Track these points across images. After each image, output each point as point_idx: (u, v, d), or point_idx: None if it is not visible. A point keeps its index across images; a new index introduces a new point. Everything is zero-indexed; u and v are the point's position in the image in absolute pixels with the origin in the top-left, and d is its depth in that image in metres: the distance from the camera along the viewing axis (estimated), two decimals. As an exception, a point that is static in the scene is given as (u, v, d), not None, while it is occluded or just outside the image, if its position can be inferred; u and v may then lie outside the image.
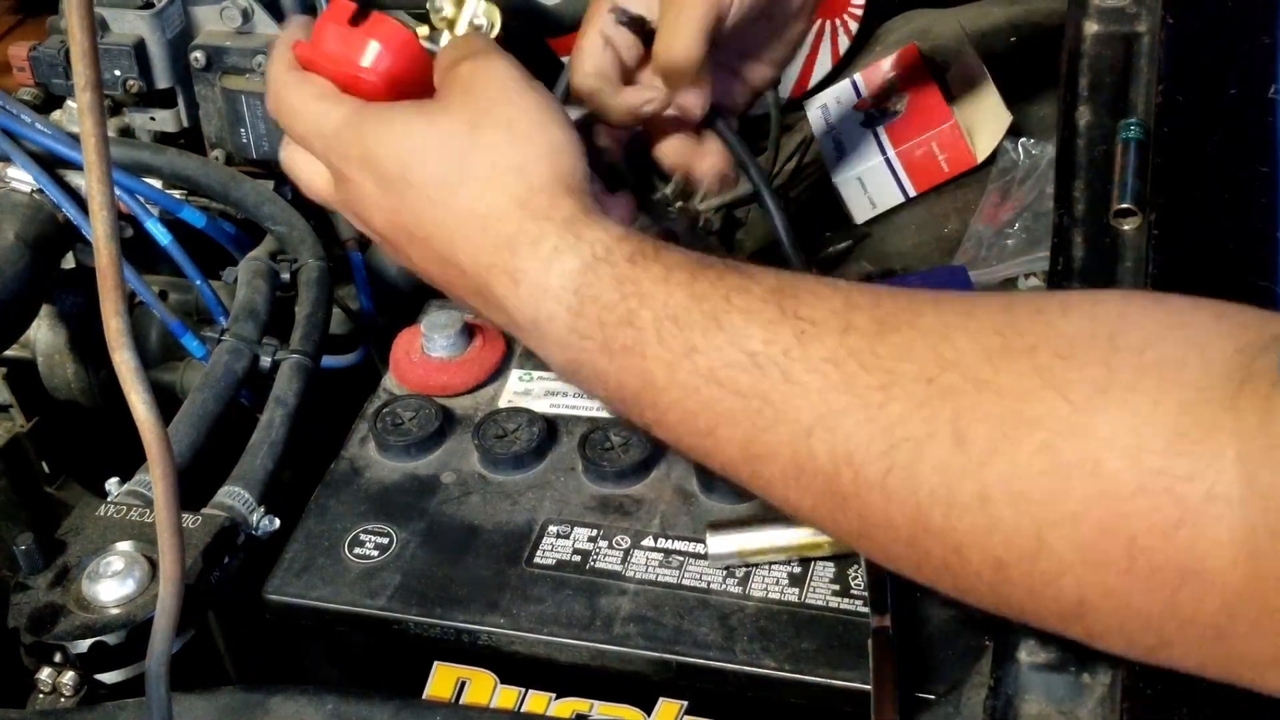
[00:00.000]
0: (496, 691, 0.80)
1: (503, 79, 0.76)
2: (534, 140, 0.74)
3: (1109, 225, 0.86)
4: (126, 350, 0.60)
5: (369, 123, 0.77)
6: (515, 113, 0.75)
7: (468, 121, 0.75)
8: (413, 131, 0.75)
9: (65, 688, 0.76)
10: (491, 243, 0.72)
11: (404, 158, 0.75)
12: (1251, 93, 0.90)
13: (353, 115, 0.77)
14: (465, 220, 0.73)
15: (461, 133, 0.74)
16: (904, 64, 1.35)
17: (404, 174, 0.75)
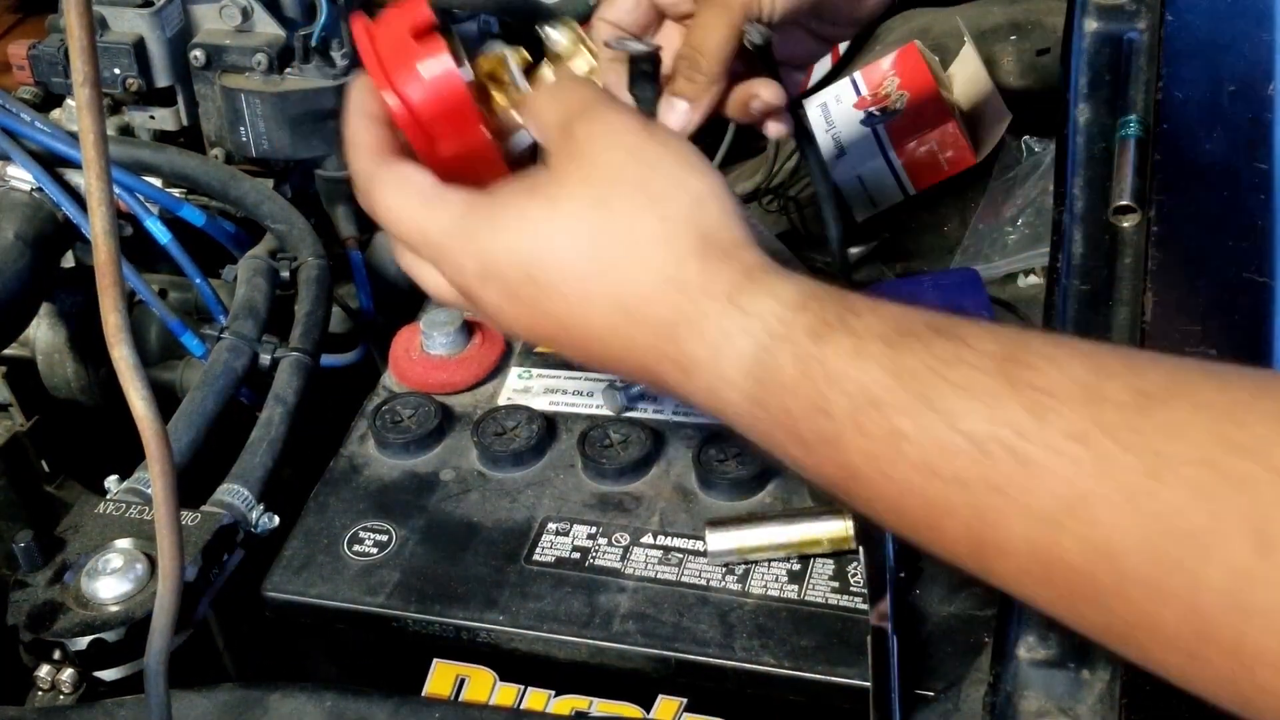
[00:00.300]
0: (496, 689, 0.80)
1: (622, 134, 0.67)
2: (672, 198, 0.65)
3: (1108, 222, 0.86)
4: (125, 347, 0.60)
5: (479, 225, 0.67)
6: (645, 172, 0.66)
7: (593, 196, 0.65)
8: (530, 224, 0.66)
9: (64, 685, 0.76)
10: (648, 334, 0.63)
11: (526, 257, 0.65)
12: (1250, 90, 0.90)
13: (459, 220, 0.68)
14: (611, 314, 0.64)
15: (588, 211, 0.65)
16: (904, 63, 1.35)
17: (530, 275, 0.65)
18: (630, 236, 0.64)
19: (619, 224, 0.64)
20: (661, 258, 0.63)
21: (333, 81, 1.08)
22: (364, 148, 0.72)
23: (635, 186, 0.65)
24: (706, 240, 0.64)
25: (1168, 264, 0.81)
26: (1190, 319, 0.77)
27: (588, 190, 0.65)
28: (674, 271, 0.63)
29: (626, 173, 0.66)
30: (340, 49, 1.08)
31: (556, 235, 0.65)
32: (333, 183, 1.13)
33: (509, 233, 0.66)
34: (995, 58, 1.38)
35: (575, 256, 0.64)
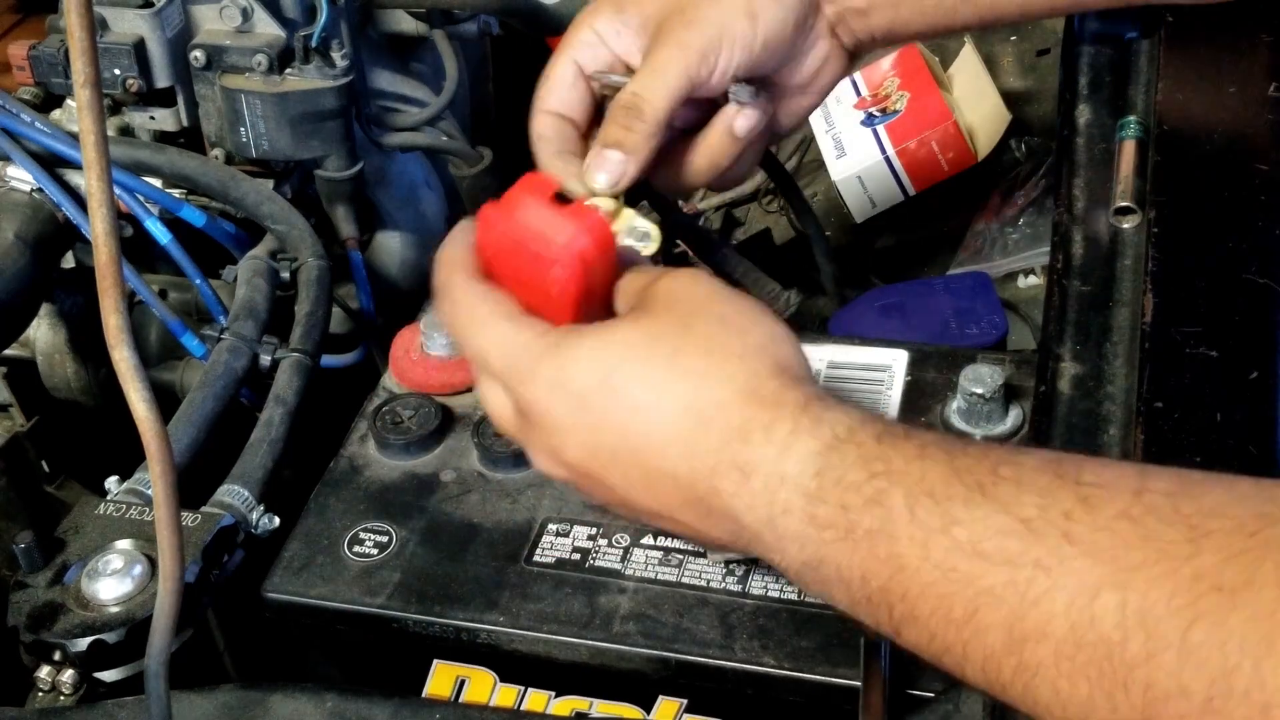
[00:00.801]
0: (496, 690, 0.80)
1: (704, 284, 0.70)
2: (751, 331, 0.68)
3: (1109, 223, 0.86)
4: (126, 348, 0.60)
5: (562, 340, 0.69)
6: (726, 309, 0.69)
7: (676, 322, 0.68)
8: (613, 340, 0.68)
9: (64, 686, 0.76)
10: (716, 437, 0.64)
11: (604, 366, 0.67)
12: (1251, 91, 0.90)
13: (542, 336, 0.70)
14: (681, 418, 0.65)
15: (671, 331, 0.67)
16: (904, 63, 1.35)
17: (605, 382, 0.67)
18: (710, 353, 0.66)
19: (700, 342, 0.67)
20: (740, 371, 0.65)
21: (333, 82, 1.08)
22: (458, 266, 0.74)
23: (717, 317, 0.68)
24: (782, 367, 0.66)
25: (1168, 264, 0.81)
26: (1190, 319, 0.77)
27: (670, 317, 0.68)
28: (752, 385, 0.65)
29: (709, 307, 0.69)
30: (340, 49, 1.08)
31: (636, 349, 0.67)
32: (333, 183, 1.13)
33: (591, 346, 0.68)
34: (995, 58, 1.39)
35: (655, 368, 0.66)
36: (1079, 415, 0.78)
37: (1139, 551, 0.54)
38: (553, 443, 0.69)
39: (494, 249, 0.73)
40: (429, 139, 1.18)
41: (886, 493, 0.60)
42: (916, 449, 0.61)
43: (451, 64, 1.18)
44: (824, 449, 0.62)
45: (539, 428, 0.70)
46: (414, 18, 1.18)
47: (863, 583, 0.61)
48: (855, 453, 0.62)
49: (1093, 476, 0.57)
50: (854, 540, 0.60)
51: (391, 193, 1.21)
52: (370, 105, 1.16)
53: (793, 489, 0.62)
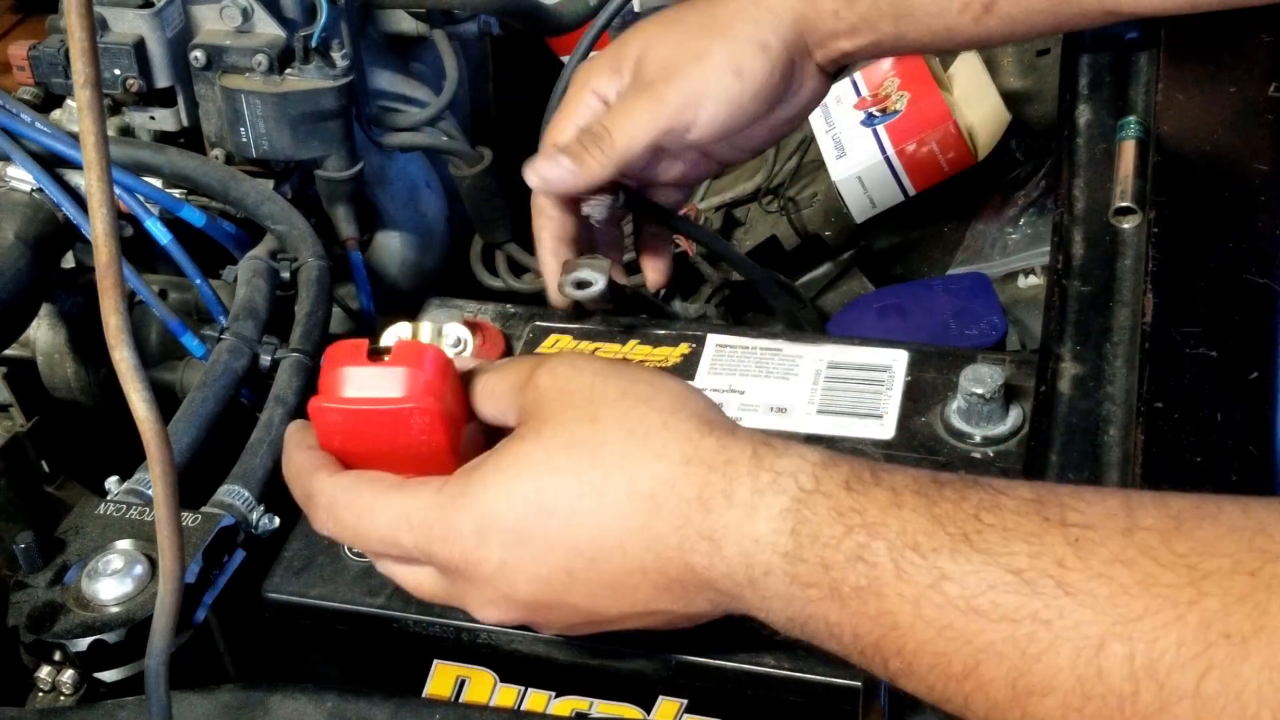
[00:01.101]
0: (496, 690, 0.80)
1: (584, 365, 0.67)
2: (658, 396, 0.65)
3: (1109, 223, 0.86)
4: (126, 348, 0.60)
5: (468, 486, 0.65)
6: (622, 383, 0.66)
7: (581, 417, 0.64)
8: (526, 463, 0.64)
9: (65, 686, 0.76)
10: (673, 516, 0.62)
11: (528, 492, 0.64)
12: (1251, 91, 0.90)
13: (440, 491, 0.66)
14: (632, 510, 0.62)
15: (580, 431, 0.64)
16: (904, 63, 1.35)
17: (538, 507, 0.63)
18: (633, 435, 0.63)
19: (617, 429, 0.64)
20: (674, 443, 0.63)
21: (333, 82, 1.08)
22: (312, 468, 0.70)
23: (619, 394, 0.65)
24: (708, 421, 0.64)
25: (1168, 264, 0.81)
26: (1190, 319, 0.77)
27: (572, 413, 0.64)
28: (691, 450, 0.63)
29: (605, 388, 0.65)
30: (340, 49, 1.08)
31: (555, 458, 0.64)
32: (333, 183, 1.13)
33: (502, 476, 0.64)
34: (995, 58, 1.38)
35: (583, 472, 0.63)
36: (1079, 415, 0.78)
37: (1140, 599, 0.53)
38: (500, 588, 0.66)
39: (340, 437, 0.69)
40: (429, 139, 1.18)
41: (867, 548, 0.58)
42: (889, 496, 0.59)
43: (451, 64, 1.18)
44: (792, 504, 0.60)
45: (478, 581, 0.66)
46: (414, 18, 1.18)
47: (855, 639, 0.59)
48: (826, 505, 0.60)
49: (1078, 516, 0.56)
50: (840, 598, 0.59)
51: (391, 193, 1.21)
52: (370, 105, 1.16)
53: (769, 550, 0.60)
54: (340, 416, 0.68)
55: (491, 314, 1.00)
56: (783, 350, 0.93)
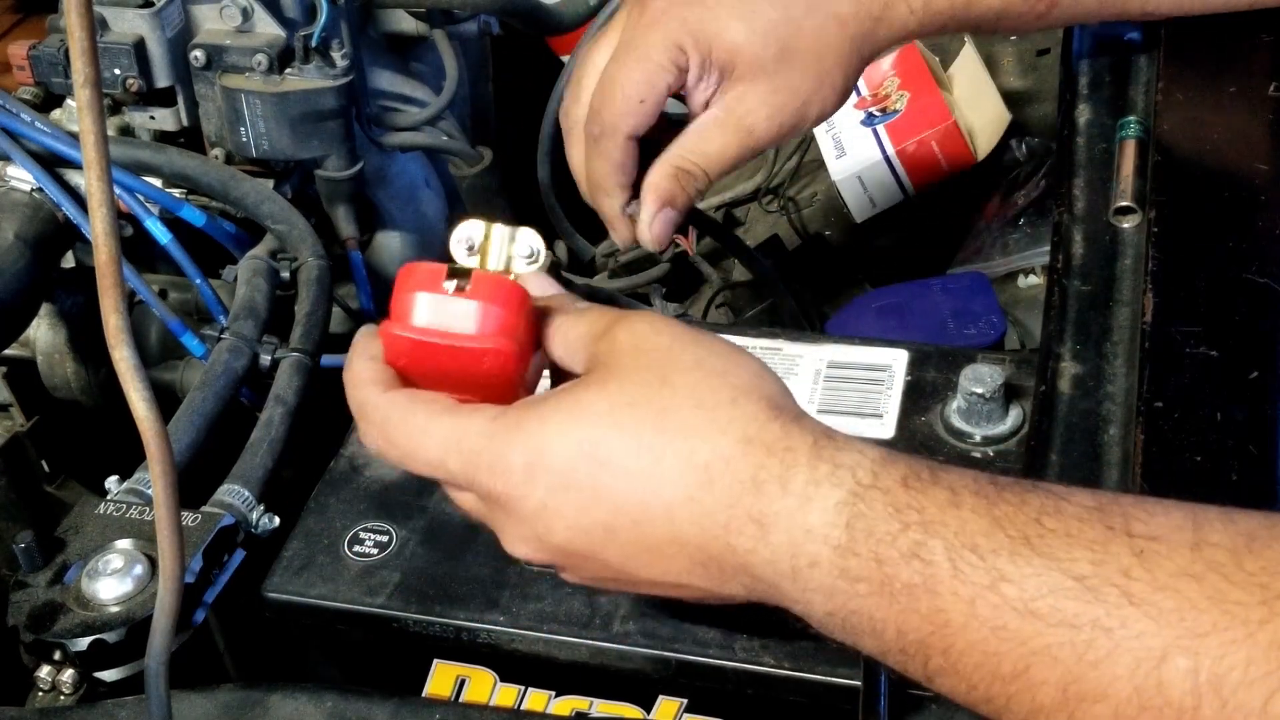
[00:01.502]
0: (496, 689, 0.80)
1: (667, 328, 0.66)
2: (733, 372, 0.64)
3: (1109, 223, 0.86)
4: (126, 348, 0.60)
5: (523, 419, 0.64)
6: (700, 352, 0.64)
7: (653, 378, 0.63)
8: (590, 410, 0.63)
9: (64, 685, 0.76)
10: (725, 493, 0.61)
11: (586, 440, 0.62)
12: (1251, 91, 0.90)
13: (496, 418, 0.65)
14: (684, 479, 0.61)
15: (650, 390, 0.63)
16: (904, 63, 1.35)
17: (591, 455, 0.62)
18: (700, 405, 0.62)
19: (686, 395, 0.62)
20: (738, 420, 0.62)
21: (333, 82, 1.08)
22: (371, 382, 0.68)
23: (693, 364, 0.64)
24: (777, 406, 0.63)
25: (1168, 264, 0.81)
26: (1190, 319, 0.77)
27: (644, 373, 0.63)
28: (754, 432, 0.61)
29: (681, 354, 0.64)
30: (340, 49, 1.08)
31: (618, 413, 0.62)
32: (333, 183, 1.13)
33: (561, 418, 0.63)
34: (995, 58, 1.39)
35: (643, 432, 0.62)
36: (1079, 415, 0.78)
37: (1208, 615, 0.52)
38: (535, 528, 0.65)
39: (406, 360, 0.67)
40: (429, 139, 1.18)
41: (924, 545, 0.57)
42: (948, 495, 0.58)
43: (451, 64, 1.18)
44: (849, 498, 0.59)
45: (516, 515, 0.65)
46: (414, 18, 1.18)
47: (898, 635, 0.58)
48: (883, 500, 0.59)
49: (1143, 527, 0.55)
50: (890, 594, 0.58)
51: (391, 193, 1.21)
52: (370, 105, 1.16)
53: (819, 542, 0.59)
54: (409, 345, 0.66)
55: (491, 314, 1.00)
56: (783, 350, 0.93)
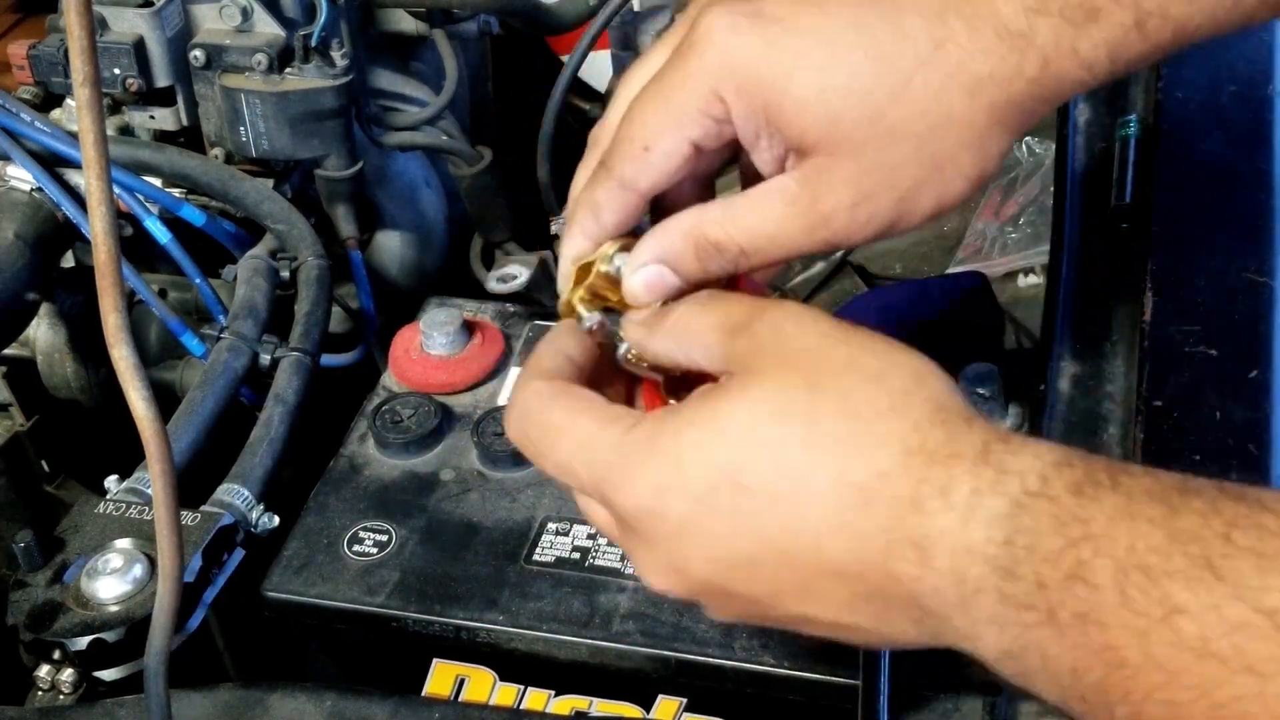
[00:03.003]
0: (495, 689, 0.80)
1: (814, 324, 0.58)
2: (891, 374, 0.56)
3: (1109, 223, 0.86)
4: (125, 347, 0.60)
5: (659, 430, 0.57)
6: (853, 351, 0.56)
7: (801, 383, 0.55)
8: (725, 421, 0.55)
9: (64, 685, 0.76)
10: (883, 515, 0.53)
11: (722, 458, 0.55)
12: (1250, 90, 0.90)
13: (630, 430, 0.58)
14: (835, 502, 0.53)
15: (798, 399, 0.55)
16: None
17: (731, 477, 0.55)
18: (855, 414, 0.54)
19: (838, 404, 0.55)
20: (897, 431, 0.54)
21: (333, 81, 1.08)
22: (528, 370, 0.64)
23: (846, 366, 0.56)
24: (942, 407, 0.55)
25: (1168, 264, 0.81)
26: (1190, 319, 0.77)
27: (790, 377, 0.56)
28: (916, 441, 0.53)
29: (833, 354, 0.56)
30: (340, 49, 1.08)
31: (761, 427, 0.55)
32: (333, 183, 1.13)
33: (697, 433, 0.56)
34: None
35: (789, 449, 0.54)
36: (1079, 414, 0.78)
37: None
38: (671, 559, 0.57)
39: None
40: (429, 139, 1.18)
41: (1089, 565, 0.48)
42: (1123, 503, 0.49)
43: (451, 64, 1.18)
44: (1012, 508, 0.51)
45: (648, 542, 0.58)
46: (414, 17, 1.18)
47: (1074, 677, 0.50)
48: (1048, 511, 0.50)
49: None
50: (1058, 626, 0.49)
51: (391, 192, 1.21)
52: (370, 105, 1.16)
53: (981, 562, 0.51)
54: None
55: (491, 314, 1.00)
56: (782, 349, 0.93)
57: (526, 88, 1.32)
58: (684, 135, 0.63)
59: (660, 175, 0.64)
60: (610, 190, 0.64)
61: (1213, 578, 0.46)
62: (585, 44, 1.17)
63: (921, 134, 0.60)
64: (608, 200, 0.64)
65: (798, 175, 0.62)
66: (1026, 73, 0.60)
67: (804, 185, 0.61)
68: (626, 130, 0.64)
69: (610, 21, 1.19)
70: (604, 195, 0.64)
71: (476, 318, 0.98)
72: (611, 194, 0.64)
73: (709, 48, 0.61)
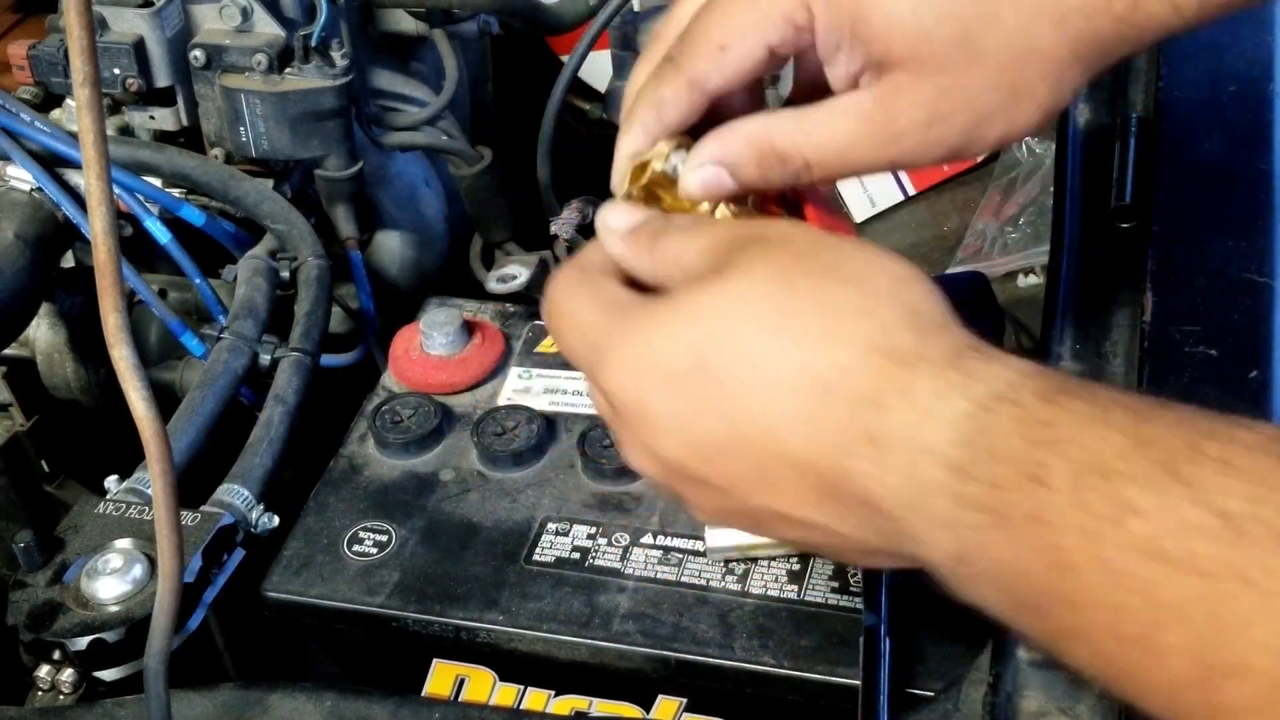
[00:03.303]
0: (495, 689, 0.80)
1: (802, 231, 0.61)
2: (870, 277, 0.56)
3: (1109, 223, 0.86)
4: (125, 346, 0.60)
5: (637, 315, 0.59)
6: (835, 255, 0.57)
7: (777, 280, 0.56)
8: (698, 311, 0.57)
9: (64, 685, 0.76)
10: (842, 409, 0.53)
11: (695, 342, 0.56)
12: (1250, 90, 0.90)
13: (609, 312, 0.60)
14: (797, 392, 0.54)
15: (772, 292, 0.56)
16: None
17: (699, 360, 0.56)
18: (827, 311, 0.55)
19: (811, 299, 0.55)
20: (866, 329, 0.54)
21: (333, 82, 1.08)
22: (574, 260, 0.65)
23: (827, 267, 0.57)
24: (917, 314, 0.55)
25: (1168, 264, 0.81)
26: (1190, 319, 0.77)
27: (768, 273, 0.56)
28: (882, 340, 0.54)
29: (816, 258, 0.57)
30: (340, 49, 1.08)
31: (732, 315, 0.56)
32: (333, 183, 1.13)
33: (672, 317, 0.57)
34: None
35: (757, 335, 0.55)
36: (1079, 414, 0.78)
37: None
38: (644, 437, 0.59)
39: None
40: (429, 139, 1.18)
41: (1047, 467, 0.48)
42: (1091, 411, 0.49)
43: (451, 64, 1.18)
44: (976, 410, 0.50)
45: (627, 420, 0.59)
46: (414, 17, 1.18)
47: (1024, 584, 0.49)
48: (1013, 414, 0.50)
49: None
50: (1010, 529, 0.49)
51: (391, 193, 1.21)
52: (370, 105, 1.16)
53: (937, 463, 0.51)
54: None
55: (491, 313, 1.00)
56: (782, 350, 0.93)
57: (526, 88, 1.32)
58: (764, 38, 0.63)
59: (732, 76, 0.64)
60: (677, 87, 0.64)
61: (1171, 480, 0.46)
62: (585, 44, 1.17)
63: (1004, 62, 0.61)
64: (673, 97, 0.64)
65: (874, 92, 0.62)
66: (1115, 9, 0.60)
67: (879, 102, 0.62)
68: (703, 28, 0.64)
69: (610, 21, 1.19)
70: (670, 92, 0.64)
71: (476, 318, 0.98)
72: (679, 91, 0.64)
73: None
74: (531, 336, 0.98)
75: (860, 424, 0.53)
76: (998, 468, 0.49)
